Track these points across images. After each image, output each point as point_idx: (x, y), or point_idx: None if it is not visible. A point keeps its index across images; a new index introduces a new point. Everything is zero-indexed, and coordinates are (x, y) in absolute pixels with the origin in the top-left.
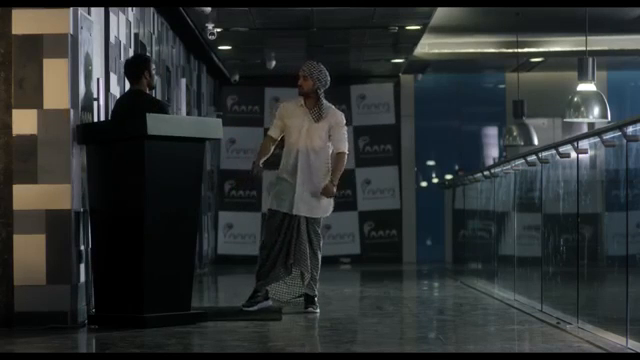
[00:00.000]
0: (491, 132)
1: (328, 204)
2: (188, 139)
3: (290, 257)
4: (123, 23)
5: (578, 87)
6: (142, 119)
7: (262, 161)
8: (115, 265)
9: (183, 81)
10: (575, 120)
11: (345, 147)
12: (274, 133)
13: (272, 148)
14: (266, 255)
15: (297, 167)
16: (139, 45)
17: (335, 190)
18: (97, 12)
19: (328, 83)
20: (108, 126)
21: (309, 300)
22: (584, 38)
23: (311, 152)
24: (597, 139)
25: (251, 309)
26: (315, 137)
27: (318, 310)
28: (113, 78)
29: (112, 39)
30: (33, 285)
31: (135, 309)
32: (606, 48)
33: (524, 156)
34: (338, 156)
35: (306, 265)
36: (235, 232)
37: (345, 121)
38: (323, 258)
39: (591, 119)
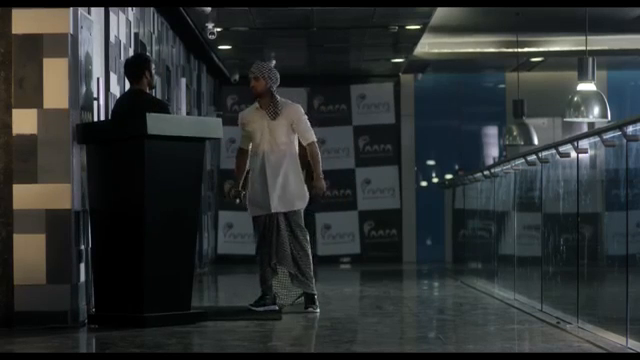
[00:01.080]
0: (491, 132)
1: (303, 195)
2: (188, 139)
3: (272, 257)
4: (123, 23)
5: (578, 87)
6: (142, 119)
7: (242, 182)
8: (115, 265)
9: (183, 81)
10: (575, 120)
11: (312, 136)
12: (244, 144)
13: (248, 161)
14: (261, 260)
15: (265, 167)
16: (139, 45)
17: (324, 183)
18: (97, 12)
19: (279, 80)
20: (108, 126)
21: (309, 299)
22: (584, 38)
23: (276, 149)
24: (597, 139)
25: (257, 309)
26: (278, 134)
27: (318, 310)
28: (113, 78)
29: (112, 39)
30: (33, 285)
31: (135, 309)
32: (606, 48)
33: (524, 156)
34: (309, 147)
35: (289, 263)
36: (235, 232)
37: (304, 111)
38: (323, 258)
39: (591, 119)
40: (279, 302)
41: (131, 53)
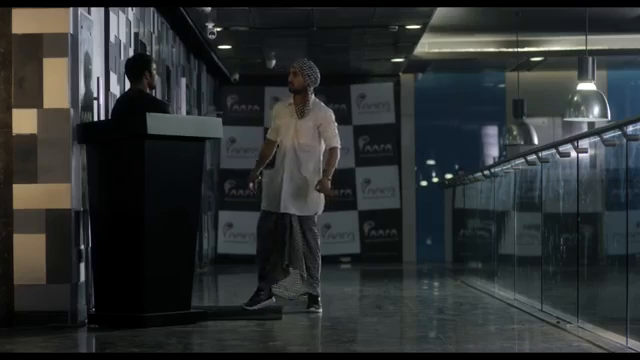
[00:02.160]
0: (491, 131)
1: (318, 201)
2: (188, 138)
3: (285, 259)
4: (123, 22)
5: (578, 86)
6: (142, 118)
7: (259, 171)
8: (115, 264)
9: (183, 80)
10: (575, 119)
11: (337, 142)
12: (273, 136)
13: (273, 151)
14: (266, 257)
15: (284, 164)
16: (139, 44)
17: (330, 184)
18: (97, 11)
19: (318, 81)
20: (108, 125)
21: (312, 300)
22: (584, 37)
23: (298, 149)
24: (597, 138)
25: (252, 308)
26: (302, 134)
27: (320, 310)
28: (113, 77)
29: (112, 38)
30: (33, 284)
31: (135, 308)
32: (606, 47)
33: (524, 155)
34: (330, 151)
35: (301, 266)
36: (235, 231)
37: (334, 117)
38: (323, 257)
39: (591, 118)
40: (276, 293)
41: (131, 53)
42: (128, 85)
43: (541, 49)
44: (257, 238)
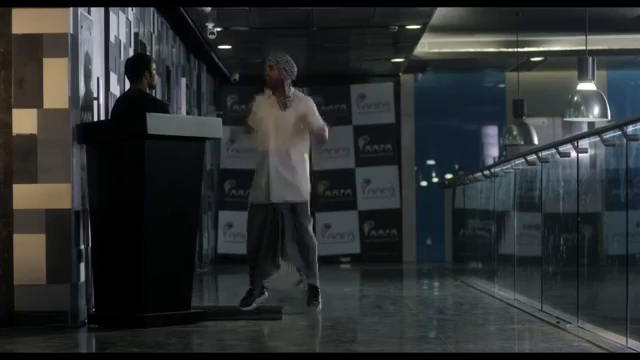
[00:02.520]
0: (491, 131)
1: (305, 186)
2: (188, 138)
3: (277, 255)
4: (123, 22)
5: (578, 86)
6: (142, 118)
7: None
8: (115, 264)
9: (183, 80)
10: (575, 119)
11: (323, 123)
12: (251, 122)
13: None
14: (255, 255)
15: (269, 156)
16: (139, 44)
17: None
18: (97, 11)
19: (294, 75)
20: (108, 125)
21: (312, 293)
22: (584, 37)
23: (283, 139)
24: (597, 138)
25: (248, 308)
26: (286, 126)
27: (320, 304)
28: (113, 77)
29: (112, 38)
30: (33, 284)
31: (135, 308)
32: (606, 47)
33: (524, 155)
34: (319, 131)
35: (298, 259)
36: (235, 231)
37: (314, 104)
38: (322, 257)
39: (591, 118)
40: (269, 285)
41: (131, 53)
42: (128, 85)
43: (541, 49)
44: (248, 237)
